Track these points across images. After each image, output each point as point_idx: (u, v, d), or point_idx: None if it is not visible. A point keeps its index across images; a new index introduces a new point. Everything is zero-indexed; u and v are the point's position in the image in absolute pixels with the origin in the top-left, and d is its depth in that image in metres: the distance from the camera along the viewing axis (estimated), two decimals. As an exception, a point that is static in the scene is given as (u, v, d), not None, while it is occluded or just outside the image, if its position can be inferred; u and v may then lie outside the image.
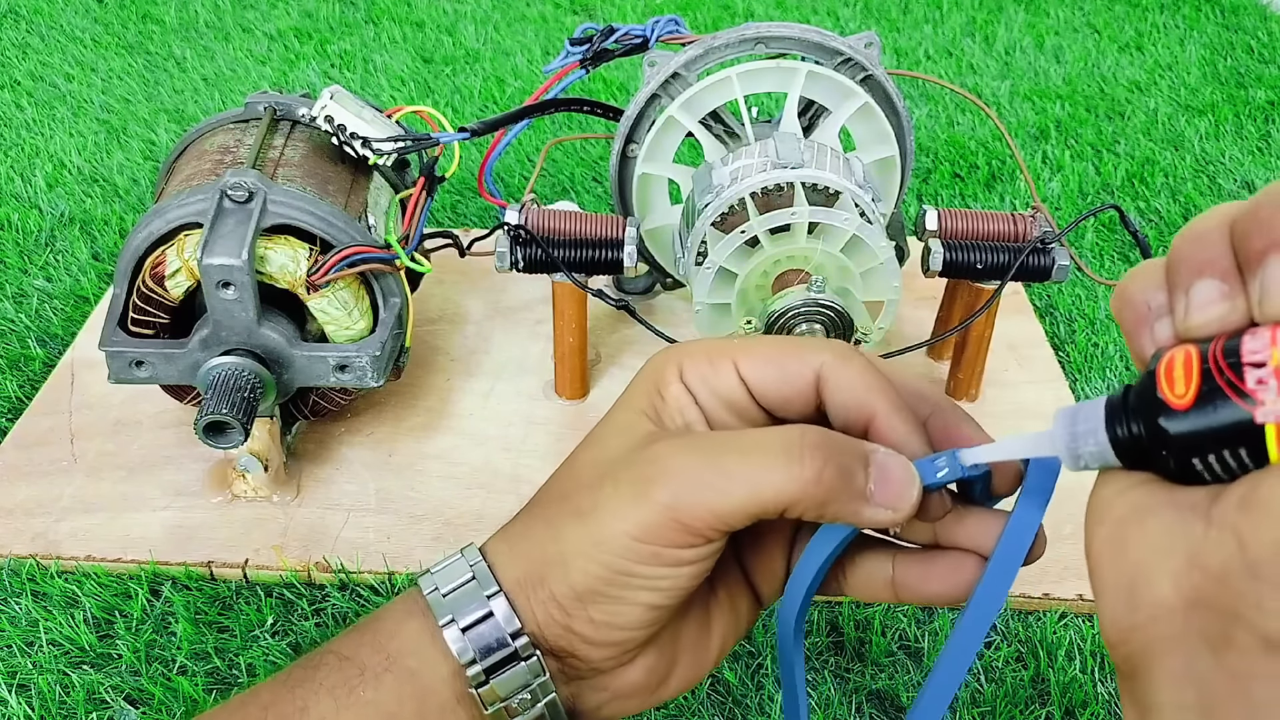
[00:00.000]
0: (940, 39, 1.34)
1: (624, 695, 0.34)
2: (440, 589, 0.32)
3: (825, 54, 0.70)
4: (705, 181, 0.67)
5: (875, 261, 0.65)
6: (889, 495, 0.29)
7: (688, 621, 0.34)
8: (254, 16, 1.35)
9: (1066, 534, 0.67)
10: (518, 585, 0.32)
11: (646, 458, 0.31)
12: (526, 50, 1.29)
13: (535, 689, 0.31)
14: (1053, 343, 0.84)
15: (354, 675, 0.31)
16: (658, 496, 0.30)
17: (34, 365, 0.79)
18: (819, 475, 0.29)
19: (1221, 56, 1.29)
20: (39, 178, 1.01)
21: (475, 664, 0.31)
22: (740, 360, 0.32)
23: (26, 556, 0.64)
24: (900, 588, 0.33)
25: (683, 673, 0.35)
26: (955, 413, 0.32)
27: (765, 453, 0.30)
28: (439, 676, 0.31)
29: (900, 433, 0.30)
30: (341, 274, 0.63)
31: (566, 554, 0.31)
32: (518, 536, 0.33)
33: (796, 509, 0.29)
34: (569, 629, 0.31)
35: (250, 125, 0.71)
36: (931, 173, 1.06)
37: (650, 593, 0.31)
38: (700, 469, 0.30)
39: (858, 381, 0.31)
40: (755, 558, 0.35)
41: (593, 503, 0.31)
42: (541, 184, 1.03)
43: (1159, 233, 0.97)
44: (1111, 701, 0.58)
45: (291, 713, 0.30)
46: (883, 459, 0.30)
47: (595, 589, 0.30)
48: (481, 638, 0.31)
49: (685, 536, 0.30)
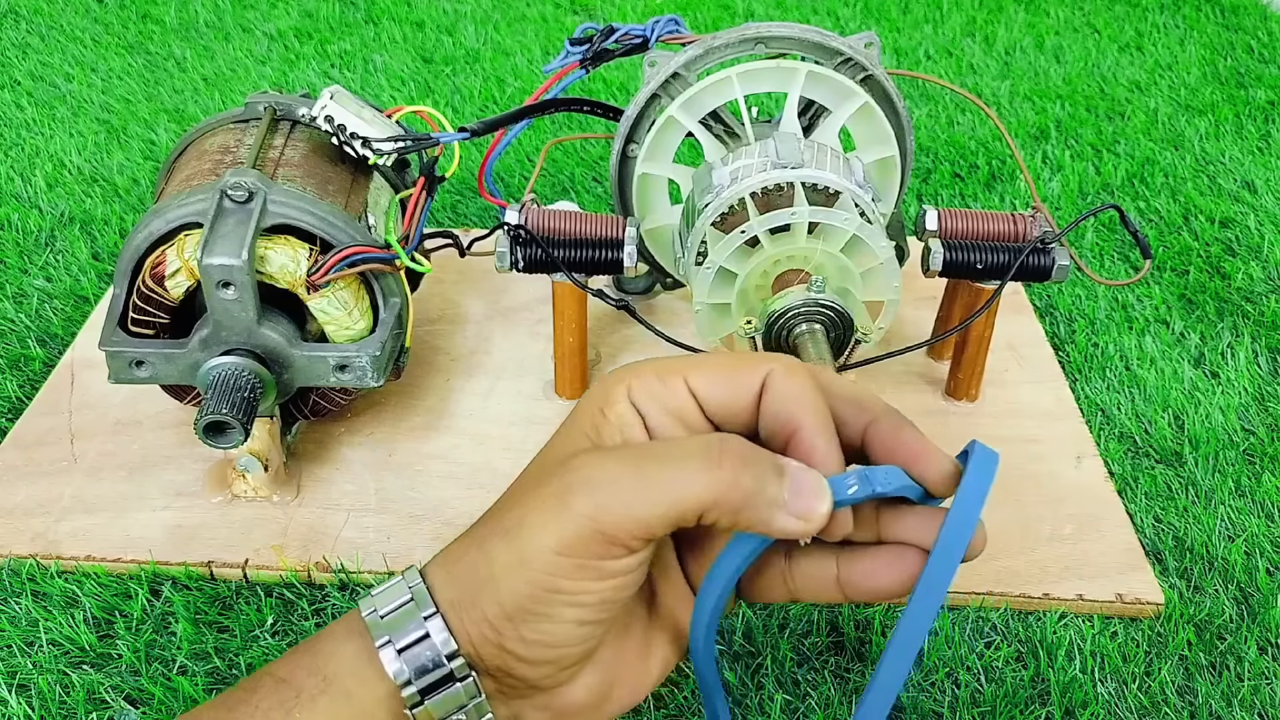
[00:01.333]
0: (940, 39, 1.34)
1: (566, 714, 0.34)
2: (379, 610, 0.32)
3: (825, 54, 0.70)
4: (705, 181, 0.67)
5: (875, 261, 0.65)
6: (800, 506, 0.30)
7: (628, 640, 0.34)
8: (254, 16, 1.35)
9: (1066, 534, 0.67)
10: (453, 607, 0.32)
11: (566, 470, 0.31)
12: (526, 50, 1.29)
13: (470, 710, 0.32)
14: (1053, 342, 0.84)
15: (290, 698, 0.31)
16: (578, 507, 0.30)
17: (34, 365, 0.80)
18: (736, 480, 0.29)
19: (1222, 56, 1.29)
20: (39, 178, 1.01)
21: (410, 684, 0.31)
22: (691, 375, 0.32)
23: (26, 556, 0.64)
24: (846, 585, 0.34)
25: (624, 692, 0.35)
26: (893, 420, 0.33)
27: (684, 458, 0.30)
28: (375, 698, 0.31)
29: (820, 450, 0.31)
30: (341, 274, 0.63)
31: (495, 574, 0.31)
32: (454, 558, 0.33)
33: (713, 513, 0.30)
34: (503, 648, 0.31)
35: (250, 125, 0.71)
36: (931, 173, 1.06)
37: (579, 609, 0.31)
38: (619, 477, 0.30)
39: (792, 393, 0.31)
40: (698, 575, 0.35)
41: (517, 520, 0.31)
42: (541, 184, 1.03)
43: (1159, 233, 0.97)
44: (1112, 702, 0.58)
45: None
46: (796, 471, 0.30)
47: (524, 607, 0.31)
48: (417, 658, 0.31)
49: (609, 547, 0.30)
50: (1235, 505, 0.70)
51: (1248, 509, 0.70)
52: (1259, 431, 0.76)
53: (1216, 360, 0.82)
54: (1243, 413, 0.78)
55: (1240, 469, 0.73)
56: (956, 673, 0.60)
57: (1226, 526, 0.69)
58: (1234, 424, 0.76)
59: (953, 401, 0.78)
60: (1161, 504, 0.70)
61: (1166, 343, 0.84)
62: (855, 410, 0.33)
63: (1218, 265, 0.93)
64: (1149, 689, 0.59)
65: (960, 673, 0.60)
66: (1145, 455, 0.74)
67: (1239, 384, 0.80)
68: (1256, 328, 0.86)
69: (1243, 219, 0.98)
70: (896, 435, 0.32)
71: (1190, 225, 0.98)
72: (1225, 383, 0.80)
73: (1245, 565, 0.66)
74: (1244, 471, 0.73)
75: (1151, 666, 0.60)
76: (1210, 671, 0.60)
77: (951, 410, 0.77)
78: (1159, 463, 0.74)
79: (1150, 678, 0.60)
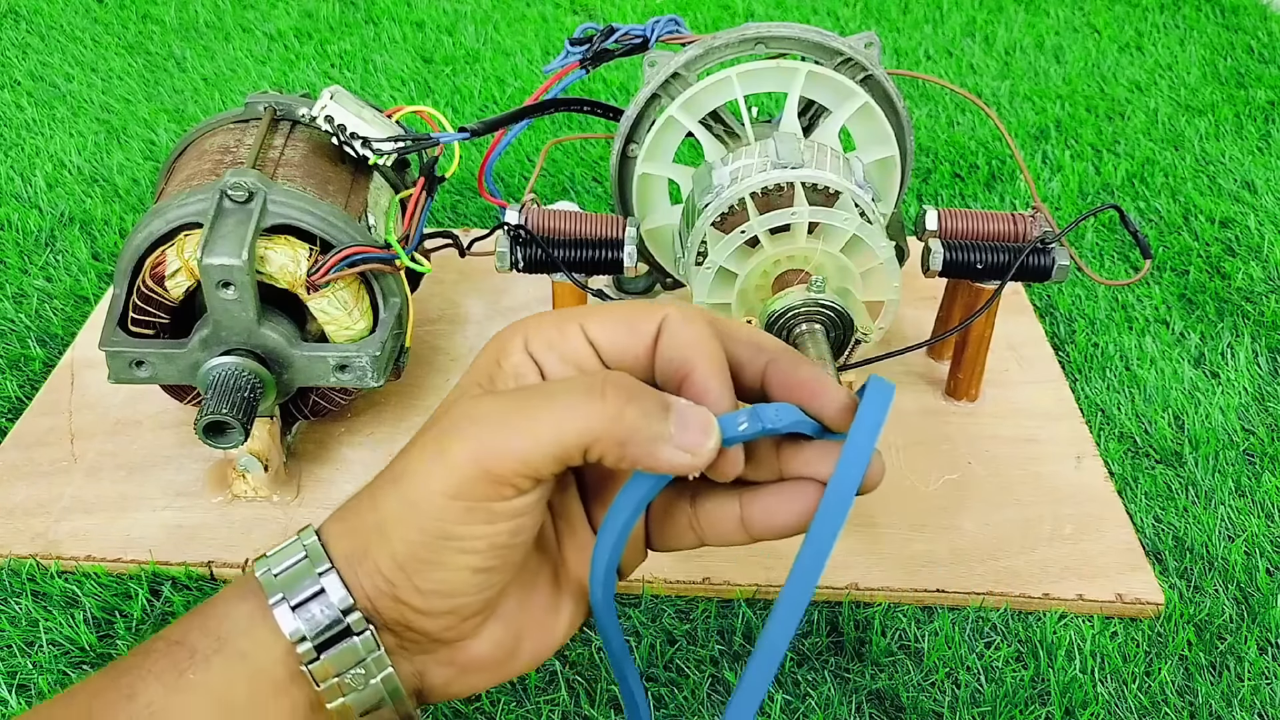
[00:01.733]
0: (940, 39, 1.34)
1: (471, 669, 0.33)
2: (273, 570, 0.31)
3: (825, 54, 0.70)
4: (705, 181, 0.67)
5: (875, 261, 0.65)
6: (687, 439, 0.30)
7: (534, 595, 0.34)
8: (254, 16, 1.35)
9: (1066, 534, 0.67)
10: (347, 561, 0.31)
11: (450, 414, 0.31)
12: (526, 50, 1.29)
13: (369, 664, 0.31)
14: (1053, 342, 0.84)
15: (183, 659, 0.30)
16: (461, 448, 0.29)
17: (34, 365, 0.80)
18: (620, 412, 0.29)
19: (1222, 56, 1.29)
20: (39, 178, 1.01)
21: (306, 641, 0.30)
22: (587, 323, 0.32)
23: (26, 557, 0.64)
24: (749, 524, 0.33)
25: (531, 647, 0.34)
26: (791, 358, 0.33)
27: (568, 393, 0.30)
28: (271, 657, 0.31)
29: (713, 391, 0.31)
30: (341, 274, 0.63)
31: (385, 523, 0.31)
32: (348, 513, 0.32)
33: (598, 448, 0.29)
34: (398, 599, 0.31)
35: (250, 125, 0.71)
36: (931, 173, 1.06)
37: (472, 555, 0.30)
38: (503, 415, 0.30)
39: (687, 338, 0.31)
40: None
41: (403, 467, 0.31)
42: (541, 184, 1.03)
43: (1159, 233, 0.97)
44: (1112, 702, 0.58)
45: (117, 700, 0.30)
46: (683, 407, 0.30)
47: (416, 555, 0.30)
48: (312, 615, 0.31)
49: (496, 488, 0.29)
50: (1235, 505, 0.70)
51: (1248, 509, 0.70)
52: (1259, 431, 0.76)
53: (1216, 360, 0.82)
54: (1243, 413, 0.78)
55: (1240, 469, 0.73)
56: (956, 673, 0.60)
57: (1226, 526, 0.69)
58: (1234, 424, 0.76)
59: (953, 401, 0.78)
60: (1161, 504, 0.70)
61: (1166, 343, 0.84)
62: (753, 352, 0.33)
63: (1218, 265, 0.93)
64: (1149, 689, 0.59)
65: (960, 673, 0.60)
66: (1145, 455, 0.74)
67: (1239, 384, 0.80)
68: (1256, 328, 0.86)
69: (1243, 219, 0.98)
70: (793, 372, 0.32)
71: (1190, 225, 0.98)
72: (1225, 383, 0.80)
73: (1245, 565, 0.66)
74: (1244, 471, 0.73)
75: (1151, 667, 0.60)
76: (1210, 671, 0.60)
77: (951, 410, 0.77)
78: (1159, 463, 0.74)
79: (1150, 678, 0.60)
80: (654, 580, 0.64)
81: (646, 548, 0.36)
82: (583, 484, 0.36)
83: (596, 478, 0.35)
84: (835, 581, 0.64)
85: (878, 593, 0.64)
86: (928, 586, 0.64)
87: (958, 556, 0.66)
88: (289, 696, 0.31)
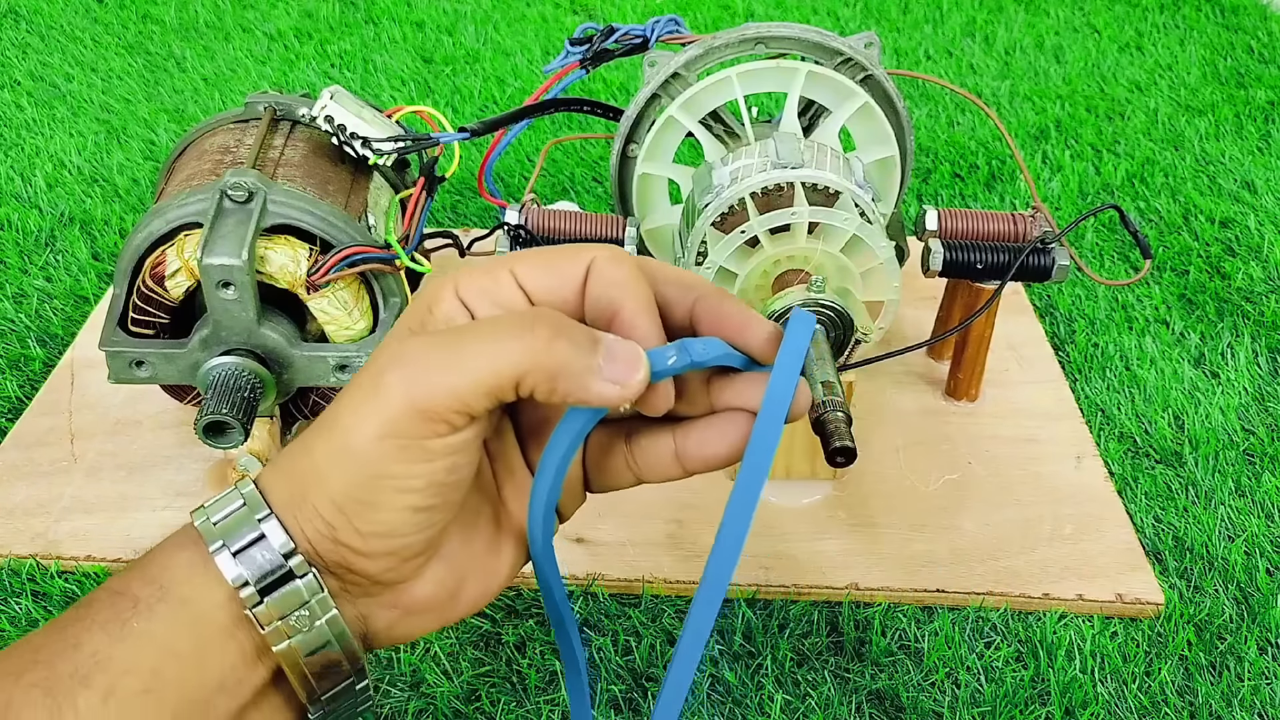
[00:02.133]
0: (940, 39, 1.34)
1: (415, 611, 0.33)
2: (211, 518, 0.31)
3: (825, 54, 0.70)
4: (705, 181, 0.67)
5: (875, 261, 0.65)
6: (616, 371, 0.30)
7: (475, 536, 0.34)
8: (254, 16, 1.35)
9: (1066, 534, 0.67)
10: (286, 507, 0.31)
11: (381, 355, 0.31)
12: (526, 50, 1.29)
13: (313, 605, 0.31)
14: (1053, 343, 0.84)
15: (126, 608, 0.30)
16: (391, 387, 0.30)
17: (34, 365, 0.80)
18: (549, 345, 0.29)
19: (1222, 56, 1.29)
20: (39, 178, 1.01)
21: (248, 586, 0.30)
22: (516, 267, 0.32)
23: (26, 557, 0.64)
24: (684, 458, 0.34)
25: (474, 588, 0.34)
26: (717, 295, 0.33)
27: (498, 328, 0.30)
28: (213, 603, 0.31)
29: (641, 328, 0.32)
30: (341, 274, 0.63)
31: (320, 466, 0.31)
32: (284, 460, 0.33)
33: (529, 381, 0.30)
34: (338, 541, 0.31)
35: (250, 125, 0.71)
36: (931, 173, 1.06)
37: (409, 494, 0.30)
38: (434, 352, 0.30)
39: (615, 278, 0.32)
40: None
41: (336, 411, 0.31)
42: (541, 184, 1.03)
43: (1159, 233, 0.97)
44: (1112, 702, 0.58)
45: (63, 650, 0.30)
46: (612, 341, 0.31)
47: (353, 496, 0.30)
48: (254, 560, 0.31)
49: (428, 425, 0.30)
50: (1235, 505, 0.70)
51: (1248, 509, 0.70)
52: (1259, 431, 0.76)
53: (1216, 360, 0.82)
54: (1243, 413, 0.78)
55: (1240, 469, 0.73)
56: (956, 673, 0.60)
57: (1226, 526, 0.69)
58: (1234, 424, 0.76)
59: (953, 401, 0.78)
60: (1161, 504, 0.70)
61: (1166, 343, 0.84)
62: (681, 291, 0.33)
63: (1218, 265, 0.93)
64: (1149, 689, 0.59)
65: (960, 673, 0.60)
66: (1145, 455, 0.74)
67: (1239, 384, 0.80)
68: (1256, 328, 0.86)
69: (1243, 219, 0.98)
70: (720, 308, 0.33)
71: (1190, 225, 0.98)
72: (1225, 383, 0.80)
73: (1245, 565, 0.66)
74: (1244, 471, 0.73)
75: (1151, 667, 0.60)
76: (1210, 671, 0.60)
77: (951, 410, 0.77)
78: (1159, 463, 0.74)
79: (1150, 678, 0.60)
80: (654, 580, 0.64)
81: (585, 490, 0.37)
82: (519, 429, 0.36)
83: (532, 422, 0.36)
84: (835, 581, 0.64)
85: (878, 593, 0.64)
86: (928, 586, 0.64)
87: (958, 556, 0.66)
88: (234, 641, 0.31)
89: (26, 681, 0.29)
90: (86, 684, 0.29)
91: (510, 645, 0.60)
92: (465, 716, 0.57)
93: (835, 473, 0.71)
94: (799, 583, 0.64)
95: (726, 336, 0.32)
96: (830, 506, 0.69)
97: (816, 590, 0.64)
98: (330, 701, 0.33)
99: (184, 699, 0.30)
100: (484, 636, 0.61)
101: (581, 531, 0.67)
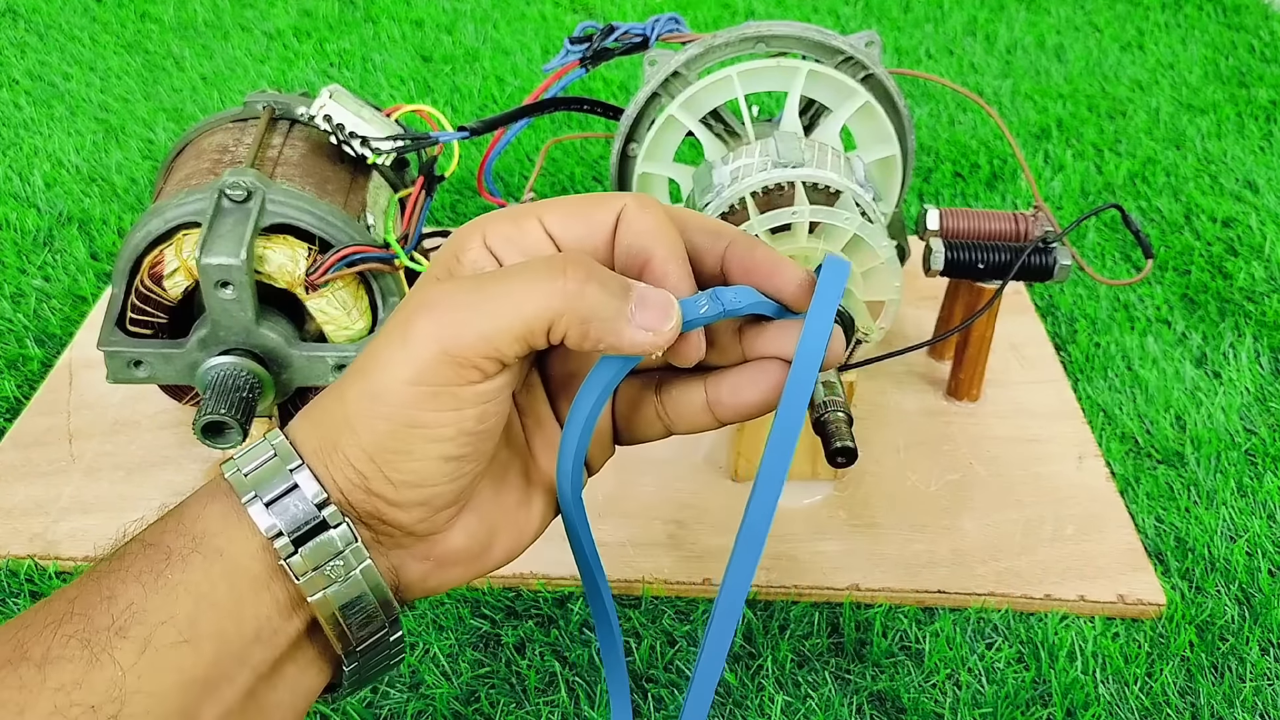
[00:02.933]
0: (941, 38, 1.33)
1: (447, 563, 0.33)
2: (242, 470, 0.31)
3: (826, 53, 0.70)
4: (705, 181, 0.67)
5: (876, 261, 0.65)
6: (649, 318, 0.30)
7: (506, 488, 0.34)
8: (252, 15, 1.35)
9: (1068, 534, 0.67)
10: (316, 455, 0.31)
11: (410, 303, 0.30)
12: (526, 49, 1.28)
13: (348, 555, 0.31)
14: (1054, 342, 0.84)
15: (160, 560, 0.30)
16: (421, 332, 0.29)
17: (32, 365, 0.79)
18: (581, 289, 0.29)
19: (1223, 55, 1.29)
20: (37, 177, 1.00)
21: (282, 536, 0.30)
22: (545, 215, 0.32)
23: (24, 557, 0.64)
24: (716, 406, 0.34)
25: (505, 540, 0.34)
26: (749, 243, 0.33)
27: (529, 271, 0.30)
28: (248, 553, 0.30)
29: (672, 276, 0.31)
30: (340, 274, 0.63)
31: (351, 415, 0.30)
32: (315, 410, 0.32)
33: (560, 325, 0.29)
34: (370, 491, 0.31)
35: (249, 124, 0.71)
36: (933, 172, 1.06)
37: (440, 443, 0.30)
38: (464, 297, 0.29)
39: (645, 226, 0.31)
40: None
41: (366, 360, 0.31)
42: (541, 183, 1.03)
43: (1161, 232, 0.97)
44: (1113, 703, 0.58)
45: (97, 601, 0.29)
46: (643, 288, 0.30)
47: (384, 444, 0.30)
48: (287, 510, 0.30)
49: (460, 370, 0.29)
50: (1237, 506, 0.70)
51: (1250, 509, 0.70)
52: (1261, 431, 0.76)
53: (1218, 360, 0.82)
54: (1244, 413, 0.77)
55: (1242, 469, 0.73)
56: (958, 673, 0.59)
57: (1228, 527, 0.68)
58: (1236, 424, 0.76)
59: (954, 401, 0.78)
60: (1163, 504, 0.70)
61: (1168, 342, 0.84)
62: (711, 239, 0.33)
63: (1220, 265, 0.93)
64: (1151, 690, 0.59)
65: (961, 673, 0.59)
66: (1147, 455, 0.74)
67: (1241, 384, 0.80)
68: (1259, 327, 0.85)
69: (1245, 218, 0.98)
70: (751, 254, 0.32)
71: (1192, 225, 0.98)
72: (1227, 383, 0.80)
73: (1247, 566, 0.66)
74: (1246, 472, 0.72)
75: (1153, 668, 0.60)
76: (1212, 673, 0.60)
77: (953, 410, 0.77)
78: (1161, 463, 0.73)
79: (1152, 679, 0.59)
80: (654, 581, 0.64)
81: (614, 442, 0.36)
82: (549, 384, 0.36)
83: (561, 375, 0.36)
84: (836, 582, 0.64)
85: (879, 594, 0.64)
86: (929, 587, 0.64)
87: (959, 557, 0.66)
88: (269, 592, 0.31)
89: (64, 633, 0.29)
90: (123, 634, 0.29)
91: (510, 646, 0.60)
92: (464, 718, 0.57)
93: (836, 473, 0.71)
94: (799, 584, 0.64)
95: (758, 284, 0.32)
96: (831, 507, 0.69)
97: (817, 591, 0.64)
98: (365, 653, 0.33)
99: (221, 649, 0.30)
100: (483, 638, 0.61)
101: (581, 532, 0.66)
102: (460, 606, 0.62)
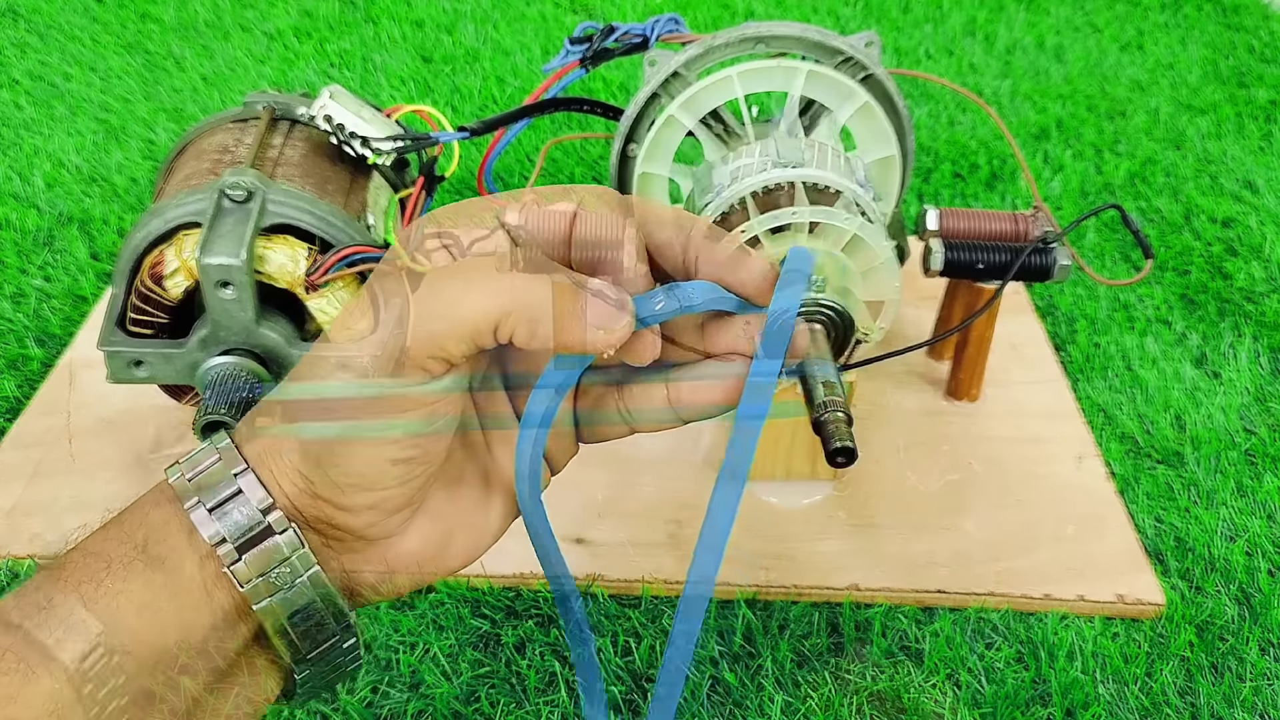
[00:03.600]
0: (941, 38, 1.33)
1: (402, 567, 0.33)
2: (186, 475, 0.31)
3: (826, 53, 0.70)
4: (705, 181, 0.67)
5: (876, 261, 0.65)
6: (600, 315, 0.29)
7: (463, 490, 0.34)
8: (253, 15, 1.35)
9: (1068, 535, 0.67)
10: (260, 460, 0.31)
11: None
12: (526, 49, 1.28)
13: (294, 561, 0.30)
14: (1054, 343, 0.84)
15: (100, 569, 0.29)
16: None
17: (32, 365, 0.79)
18: (528, 287, 0.29)
19: (1223, 56, 1.29)
20: (37, 177, 1.00)
21: (226, 543, 0.30)
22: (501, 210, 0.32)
23: (24, 557, 0.64)
24: (679, 403, 0.33)
25: (463, 542, 0.34)
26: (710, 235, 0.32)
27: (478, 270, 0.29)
28: (191, 561, 0.30)
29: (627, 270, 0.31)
30: (340, 274, 0.63)
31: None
32: (260, 413, 0.32)
33: (508, 324, 0.29)
34: (316, 495, 0.30)
35: (249, 124, 0.71)
36: (932, 172, 1.06)
37: (386, 444, 0.29)
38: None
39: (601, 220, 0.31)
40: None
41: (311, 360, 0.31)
42: (541, 184, 1.03)
43: (1160, 232, 0.97)
44: (1113, 703, 0.58)
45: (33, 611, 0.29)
46: (596, 285, 0.30)
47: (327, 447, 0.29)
48: (231, 516, 0.30)
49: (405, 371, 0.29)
50: (1236, 506, 0.70)
51: (1249, 509, 0.70)
52: (1260, 432, 0.76)
53: (1218, 360, 0.82)
54: (1244, 413, 0.77)
55: (1241, 469, 0.73)
56: (957, 673, 0.59)
57: (1228, 527, 0.68)
58: (1235, 424, 0.76)
59: (954, 402, 0.78)
60: (1163, 504, 0.70)
61: (1168, 343, 0.84)
62: (674, 232, 0.32)
63: (1219, 265, 0.93)
64: (1150, 690, 0.59)
65: (961, 673, 0.59)
66: (1146, 455, 0.74)
67: (1240, 384, 0.80)
68: (1258, 328, 0.85)
69: (1244, 218, 0.98)
70: (713, 248, 0.32)
71: (1191, 225, 0.98)
72: (1226, 383, 0.80)
73: (1246, 566, 0.66)
74: (1245, 472, 0.72)
75: (1153, 667, 0.60)
76: (1211, 672, 0.60)
77: (952, 410, 0.77)
78: (1160, 463, 0.73)
79: (1151, 679, 0.59)
80: (654, 581, 0.64)
81: (577, 441, 0.36)
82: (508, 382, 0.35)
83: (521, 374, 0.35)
84: (836, 582, 0.64)
85: (878, 593, 0.64)
86: (928, 587, 0.64)
87: (958, 557, 0.66)
88: (213, 600, 0.30)
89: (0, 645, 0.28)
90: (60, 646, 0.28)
91: (510, 646, 0.60)
92: (464, 717, 0.57)
93: (836, 473, 0.71)
94: (799, 583, 0.64)
95: (719, 277, 0.31)
96: (831, 507, 0.69)
97: (817, 591, 0.64)
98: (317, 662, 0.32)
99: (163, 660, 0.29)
100: (483, 638, 0.61)
101: (581, 532, 0.66)
102: (460, 606, 0.62)
